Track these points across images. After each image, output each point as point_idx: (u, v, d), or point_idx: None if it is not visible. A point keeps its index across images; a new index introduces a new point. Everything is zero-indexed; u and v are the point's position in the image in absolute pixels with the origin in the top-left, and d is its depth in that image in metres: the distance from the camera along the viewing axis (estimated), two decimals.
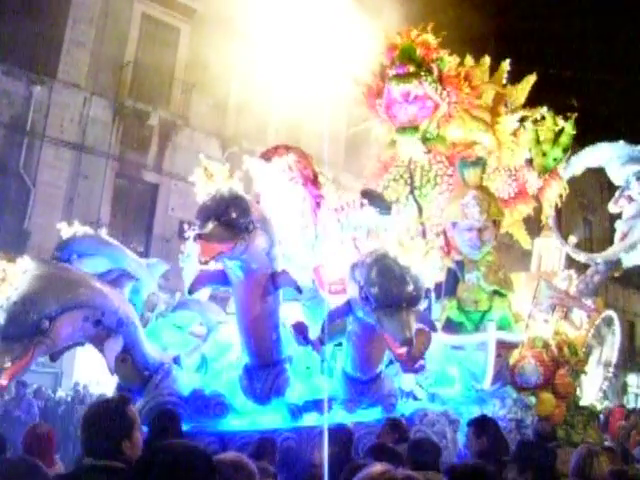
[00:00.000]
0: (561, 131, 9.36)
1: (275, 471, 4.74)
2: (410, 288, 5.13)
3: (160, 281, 7.14)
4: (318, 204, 6.36)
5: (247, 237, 5.12)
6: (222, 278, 5.63)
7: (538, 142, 9.23)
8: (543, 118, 9.43)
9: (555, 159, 9.20)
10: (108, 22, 18.56)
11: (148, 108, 18.61)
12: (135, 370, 5.87)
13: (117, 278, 5.90)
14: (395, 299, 5.10)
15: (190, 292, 5.81)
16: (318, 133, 20.89)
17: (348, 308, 5.71)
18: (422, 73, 8.87)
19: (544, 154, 9.18)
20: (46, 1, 17.34)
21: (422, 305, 5.55)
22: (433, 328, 6.23)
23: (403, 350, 5.10)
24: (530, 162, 9.22)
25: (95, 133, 18.02)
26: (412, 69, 8.82)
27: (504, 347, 7.35)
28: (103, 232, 6.90)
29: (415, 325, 5.14)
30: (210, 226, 4.93)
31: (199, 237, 4.89)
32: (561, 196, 9.30)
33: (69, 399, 13.55)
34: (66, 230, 6.35)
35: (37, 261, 5.34)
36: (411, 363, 6.29)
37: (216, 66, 19.39)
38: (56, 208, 16.29)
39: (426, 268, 5.39)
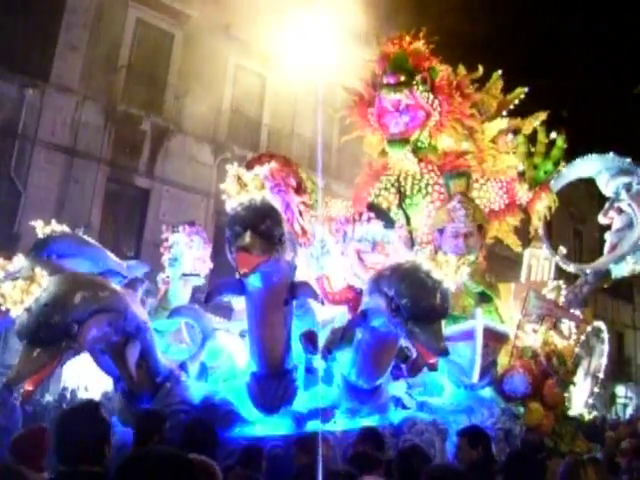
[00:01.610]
0: (553, 144, 9.42)
1: (261, 479, 4.74)
2: (442, 301, 5.19)
3: (149, 286, 7.07)
4: (301, 213, 6.30)
5: (280, 249, 5.03)
6: (238, 287, 5.48)
7: (530, 155, 9.29)
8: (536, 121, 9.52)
9: (546, 172, 9.24)
10: (102, 26, 18.55)
11: (140, 113, 18.60)
12: (148, 377, 5.76)
13: (131, 282, 5.83)
14: (429, 311, 5.15)
15: (207, 301, 5.59)
16: (310, 140, 20.99)
17: (364, 318, 5.69)
18: (414, 82, 8.91)
19: (535, 167, 9.23)
20: (40, 4, 17.30)
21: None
22: None
23: (435, 360, 5.19)
24: (522, 175, 9.26)
25: (87, 137, 17.96)
26: (403, 78, 8.86)
27: (491, 337, 7.35)
28: (81, 232, 6.74)
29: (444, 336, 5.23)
30: (248, 237, 4.76)
31: (240, 249, 4.74)
32: (550, 209, 9.32)
33: (57, 404, 13.43)
34: (42, 229, 6.13)
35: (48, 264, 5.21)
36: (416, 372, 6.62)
37: (209, 72, 19.45)
38: (47, 212, 16.11)
39: (455, 283, 5.43)
